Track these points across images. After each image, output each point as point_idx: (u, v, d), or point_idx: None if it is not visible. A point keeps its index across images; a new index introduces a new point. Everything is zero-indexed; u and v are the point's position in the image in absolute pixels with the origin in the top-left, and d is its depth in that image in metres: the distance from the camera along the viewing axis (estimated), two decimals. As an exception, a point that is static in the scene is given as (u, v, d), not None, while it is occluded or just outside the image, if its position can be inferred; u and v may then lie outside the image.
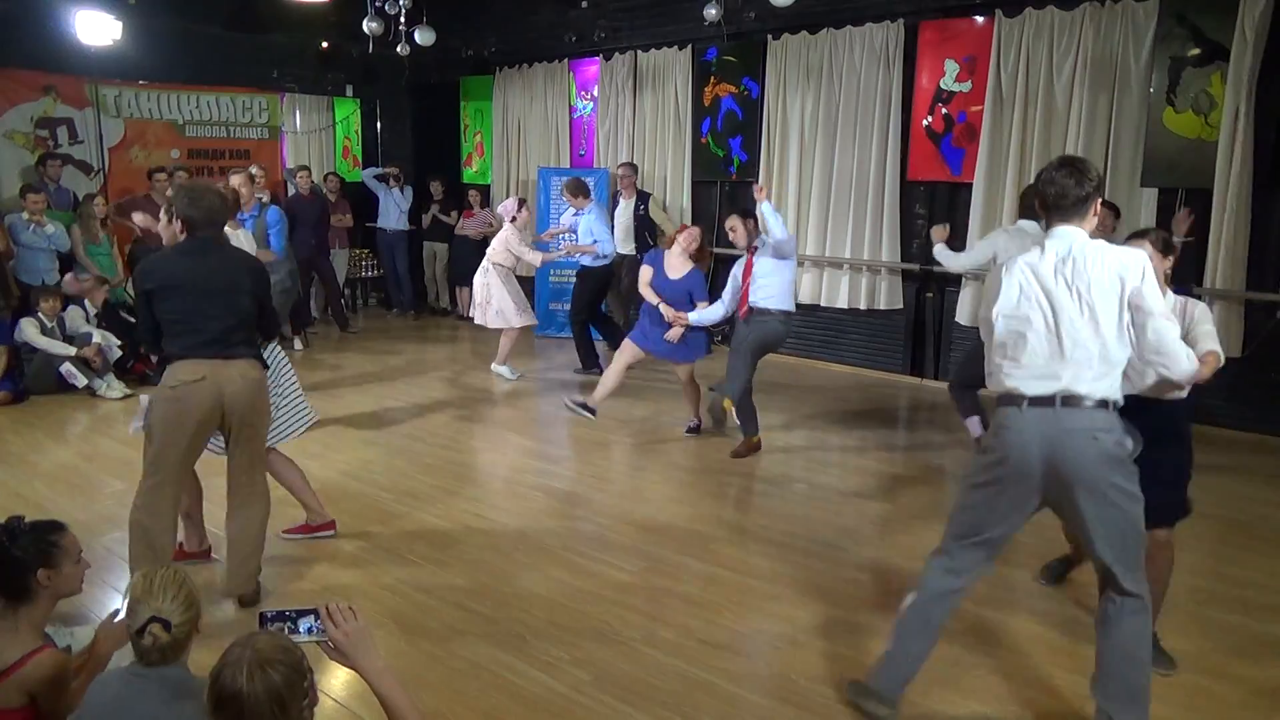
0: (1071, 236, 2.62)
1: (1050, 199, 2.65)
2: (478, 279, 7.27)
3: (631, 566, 3.94)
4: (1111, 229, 4.85)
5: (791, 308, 5.42)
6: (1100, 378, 2.55)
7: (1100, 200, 2.73)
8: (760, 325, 5.33)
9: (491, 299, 7.17)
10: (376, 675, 1.95)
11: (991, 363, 2.73)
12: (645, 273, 5.77)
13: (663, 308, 5.58)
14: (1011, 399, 2.63)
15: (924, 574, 2.86)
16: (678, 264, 5.69)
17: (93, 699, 2.04)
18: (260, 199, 6.90)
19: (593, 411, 5.74)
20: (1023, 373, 2.61)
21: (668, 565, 3.97)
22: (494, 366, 7.39)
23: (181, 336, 3.35)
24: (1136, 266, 2.55)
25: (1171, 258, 3.10)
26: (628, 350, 5.80)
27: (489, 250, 7.30)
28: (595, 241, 7.31)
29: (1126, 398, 2.62)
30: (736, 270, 5.55)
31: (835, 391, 7.25)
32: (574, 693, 2.97)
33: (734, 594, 3.70)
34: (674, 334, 5.55)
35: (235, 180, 5.99)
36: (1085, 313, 2.55)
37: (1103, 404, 2.55)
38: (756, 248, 5.41)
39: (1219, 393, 6.11)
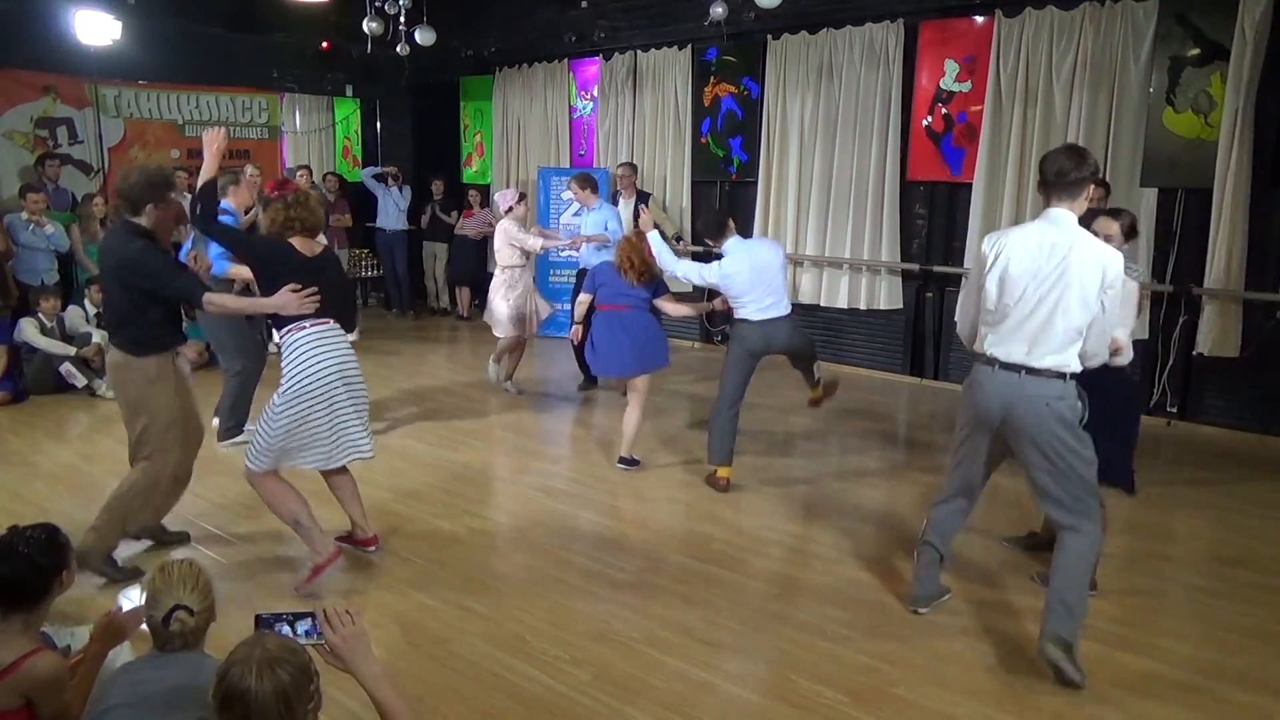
0: (1063, 220, 2.97)
1: (1050, 176, 2.98)
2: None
3: (631, 566, 3.94)
4: (1100, 200, 5.06)
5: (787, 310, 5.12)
6: (1062, 350, 2.96)
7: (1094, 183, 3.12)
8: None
9: (492, 298, 7.05)
10: (373, 680, 1.96)
11: (978, 325, 3.15)
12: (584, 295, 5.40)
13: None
14: (986, 360, 3.08)
15: (931, 516, 3.48)
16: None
17: (115, 683, 2.09)
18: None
19: (637, 462, 5.28)
20: (998, 339, 3.04)
21: (668, 565, 3.97)
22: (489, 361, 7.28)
23: None
24: (1116, 265, 2.93)
25: (1135, 240, 3.67)
26: (630, 389, 5.33)
27: (495, 254, 7.03)
28: (608, 231, 7.06)
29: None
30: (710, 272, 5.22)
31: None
32: (574, 693, 2.97)
33: (734, 594, 3.70)
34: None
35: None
36: (1065, 294, 2.91)
37: (1060, 375, 2.97)
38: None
39: (1219, 392, 6.14)
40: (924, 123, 7.20)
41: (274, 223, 3.71)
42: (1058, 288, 2.92)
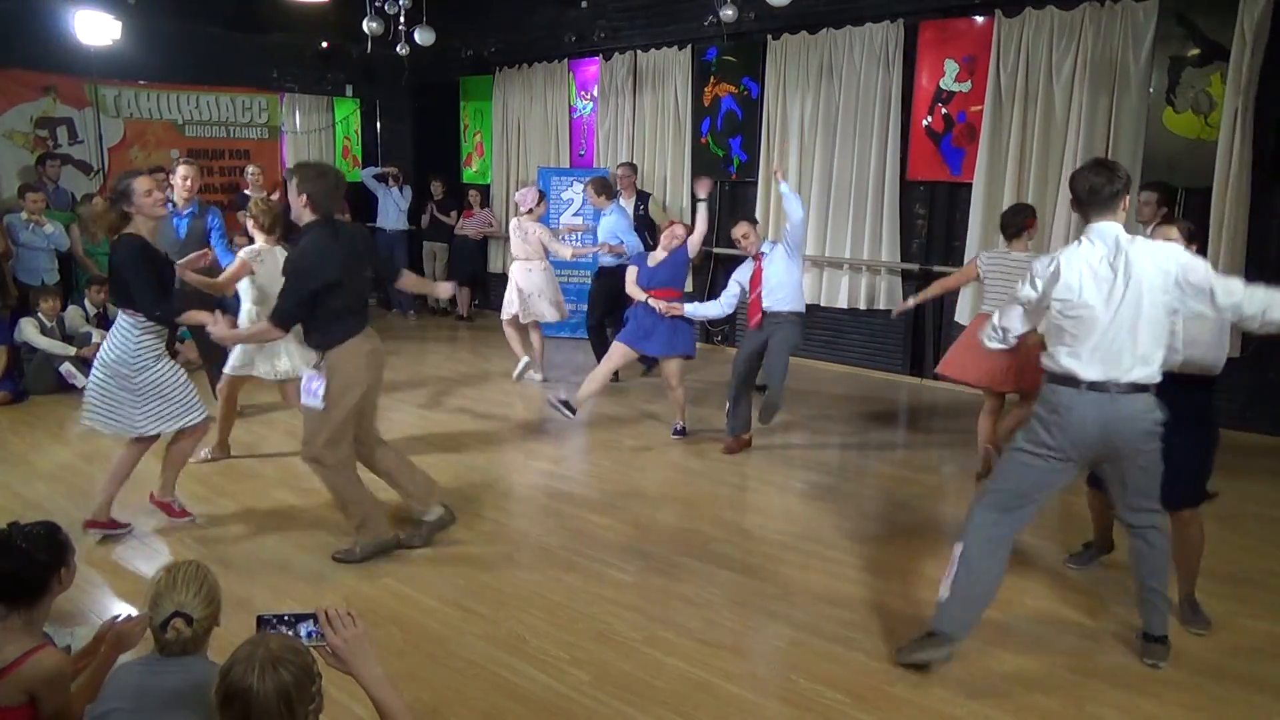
0: (1114, 231, 2.93)
1: (1083, 195, 2.98)
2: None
3: (631, 566, 3.94)
4: (1158, 211, 5.25)
5: (802, 308, 5.45)
6: (1145, 364, 2.88)
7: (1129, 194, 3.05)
8: (779, 327, 5.31)
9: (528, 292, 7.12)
10: (374, 682, 1.95)
11: (1048, 345, 3.04)
12: (631, 273, 5.81)
13: (653, 301, 5.57)
14: (1070, 381, 2.93)
15: (971, 523, 3.13)
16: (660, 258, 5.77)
17: (113, 685, 2.09)
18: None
19: (573, 410, 5.69)
20: (1080, 357, 2.91)
21: (668, 565, 3.97)
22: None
23: None
24: (1178, 253, 2.88)
25: (1194, 245, 3.44)
26: (617, 353, 5.80)
27: (512, 248, 7.21)
28: (620, 242, 7.19)
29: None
30: (741, 275, 5.53)
31: (835, 391, 7.25)
32: (574, 693, 2.97)
33: (733, 593, 3.70)
34: (662, 307, 5.54)
35: (181, 170, 5.80)
36: (1138, 303, 2.84)
37: (1145, 388, 2.90)
38: (764, 254, 5.41)
39: (1219, 393, 6.12)
40: (924, 123, 7.20)
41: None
42: (1133, 297, 2.83)
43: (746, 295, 5.52)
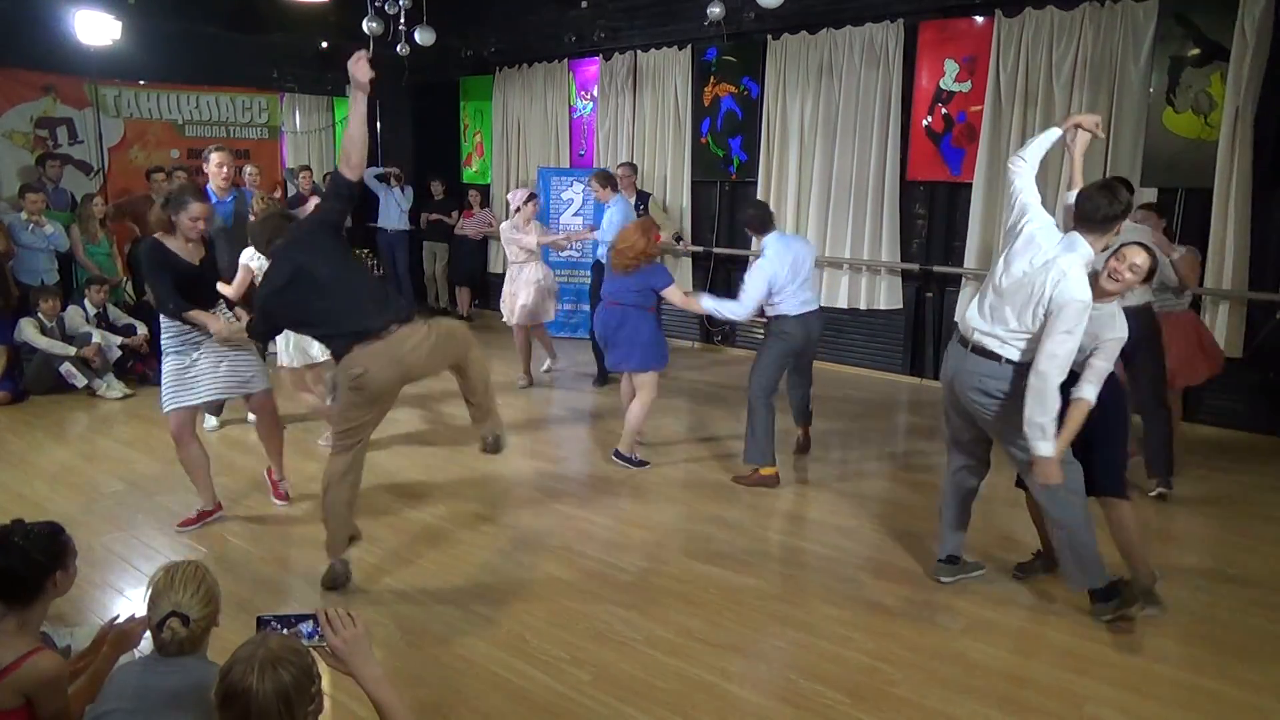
0: (1073, 246, 3.14)
1: (1084, 211, 3.16)
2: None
3: (631, 566, 3.94)
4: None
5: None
6: (1005, 342, 3.25)
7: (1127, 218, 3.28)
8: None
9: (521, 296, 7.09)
10: (374, 683, 1.95)
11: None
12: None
13: (674, 294, 5.07)
14: (956, 329, 3.49)
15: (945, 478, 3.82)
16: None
17: (113, 686, 2.09)
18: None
19: (642, 463, 5.30)
20: (975, 308, 3.39)
21: (668, 565, 3.97)
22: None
23: None
24: (1066, 289, 3.06)
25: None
26: (626, 383, 5.46)
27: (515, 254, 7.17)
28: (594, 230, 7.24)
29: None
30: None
31: (835, 392, 7.24)
32: (574, 693, 2.97)
33: (734, 594, 3.70)
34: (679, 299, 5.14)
35: (216, 158, 5.77)
36: (1022, 292, 3.18)
37: (995, 356, 3.27)
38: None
39: (1219, 392, 6.13)
40: (924, 123, 7.20)
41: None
42: (1024, 284, 3.18)
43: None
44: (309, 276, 3.36)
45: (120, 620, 2.49)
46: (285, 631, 1.96)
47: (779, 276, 4.83)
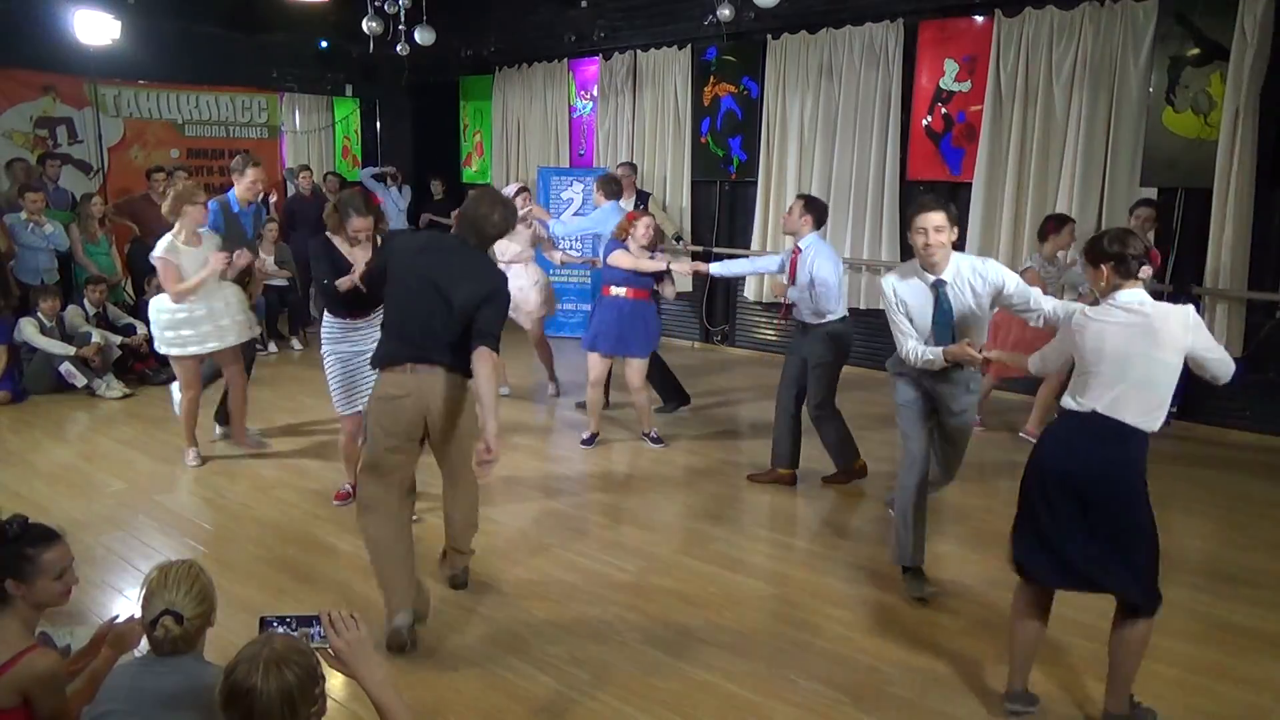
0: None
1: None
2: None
3: (631, 566, 3.94)
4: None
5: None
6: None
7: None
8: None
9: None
10: (377, 685, 1.95)
11: None
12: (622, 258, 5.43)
13: (684, 265, 5.59)
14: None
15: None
16: (637, 253, 5.44)
17: (109, 686, 2.08)
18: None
19: (591, 440, 5.66)
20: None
21: (668, 565, 3.97)
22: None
23: None
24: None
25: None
26: (596, 365, 5.57)
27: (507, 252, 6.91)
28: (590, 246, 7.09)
29: None
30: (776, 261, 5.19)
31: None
32: (574, 693, 2.97)
33: (733, 593, 3.70)
34: (686, 268, 5.55)
35: (251, 174, 5.37)
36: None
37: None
38: (800, 249, 4.83)
39: (1219, 392, 6.12)
40: (924, 122, 7.20)
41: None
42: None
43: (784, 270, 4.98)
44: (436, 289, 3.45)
45: (119, 620, 2.49)
46: (289, 632, 1.97)
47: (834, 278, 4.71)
